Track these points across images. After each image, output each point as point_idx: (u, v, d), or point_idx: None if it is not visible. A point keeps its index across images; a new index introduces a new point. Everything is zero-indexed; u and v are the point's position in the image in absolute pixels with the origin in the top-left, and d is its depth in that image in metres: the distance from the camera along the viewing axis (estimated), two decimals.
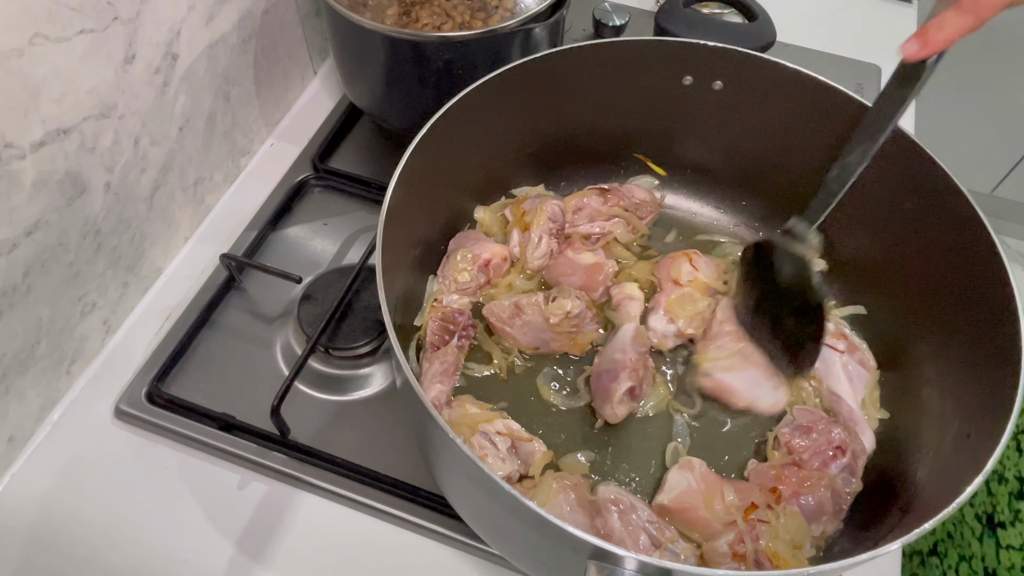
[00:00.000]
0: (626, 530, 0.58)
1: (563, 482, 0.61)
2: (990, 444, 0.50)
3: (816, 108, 0.70)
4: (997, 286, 0.58)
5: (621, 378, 0.66)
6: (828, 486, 0.62)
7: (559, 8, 0.82)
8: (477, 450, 0.62)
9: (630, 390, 0.67)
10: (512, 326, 0.71)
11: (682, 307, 0.74)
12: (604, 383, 0.67)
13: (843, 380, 0.69)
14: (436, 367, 0.67)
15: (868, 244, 0.74)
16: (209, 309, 0.80)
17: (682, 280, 0.75)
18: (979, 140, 1.99)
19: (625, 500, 0.60)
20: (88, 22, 0.63)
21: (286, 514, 0.69)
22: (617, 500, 0.60)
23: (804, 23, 1.13)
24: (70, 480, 0.70)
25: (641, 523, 0.59)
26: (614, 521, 0.59)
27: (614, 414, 0.67)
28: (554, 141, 0.80)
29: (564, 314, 0.69)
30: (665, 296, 0.75)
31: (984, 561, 0.76)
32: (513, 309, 0.70)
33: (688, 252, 0.77)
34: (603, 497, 0.61)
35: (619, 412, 0.67)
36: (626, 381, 0.66)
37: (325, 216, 0.90)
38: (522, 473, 0.64)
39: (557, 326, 0.70)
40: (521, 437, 0.64)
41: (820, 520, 0.61)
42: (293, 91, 1.01)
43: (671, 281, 0.76)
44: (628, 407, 0.67)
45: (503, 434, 0.63)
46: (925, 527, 0.47)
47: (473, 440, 0.63)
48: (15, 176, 0.60)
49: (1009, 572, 0.73)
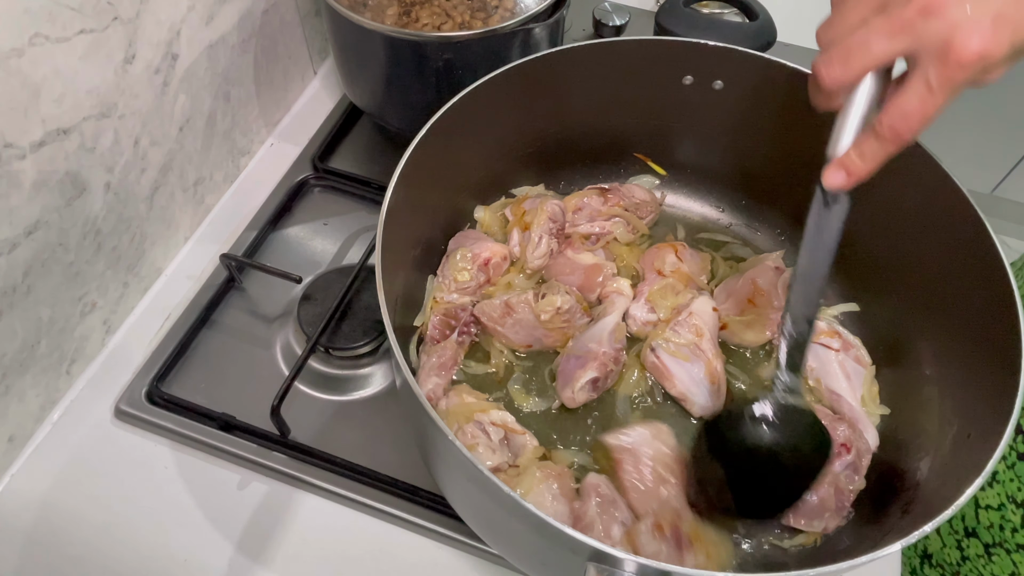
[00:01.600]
0: (599, 519, 0.58)
1: (547, 471, 0.61)
2: (991, 445, 0.50)
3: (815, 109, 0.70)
4: (997, 286, 0.58)
5: (588, 367, 0.67)
6: (832, 483, 0.62)
7: (559, 8, 0.82)
8: (469, 439, 0.63)
9: (593, 380, 0.67)
10: (504, 325, 0.71)
11: (663, 297, 0.74)
12: (571, 367, 0.68)
13: (841, 378, 0.69)
14: (434, 360, 0.68)
15: (867, 243, 0.74)
16: (209, 309, 0.80)
17: (665, 271, 0.76)
18: (979, 140, 1.99)
19: (608, 494, 0.61)
20: (88, 22, 0.63)
21: (286, 514, 0.69)
22: (601, 491, 0.60)
23: (804, 23, 1.13)
24: (70, 480, 0.70)
25: (620, 519, 0.59)
26: (591, 506, 0.59)
27: (572, 399, 0.68)
28: (554, 141, 0.80)
29: (555, 310, 0.69)
30: (648, 286, 0.75)
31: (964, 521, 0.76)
32: (504, 308, 0.70)
33: (675, 243, 0.78)
34: (589, 483, 0.61)
35: (577, 398, 0.68)
36: (592, 371, 0.67)
37: (325, 216, 0.90)
38: (511, 465, 0.64)
39: (548, 322, 0.70)
40: (514, 429, 0.64)
41: (823, 516, 0.61)
42: (293, 91, 1.01)
43: (655, 271, 0.76)
44: (587, 395, 0.68)
45: (497, 424, 0.64)
46: (925, 529, 0.47)
47: (466, 428, 0.63)
48: (15, 176, 0.60)
49: (988, 531, 0.74)
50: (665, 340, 0.71)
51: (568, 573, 0.48)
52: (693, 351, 0.70)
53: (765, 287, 0.74)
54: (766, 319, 0.73)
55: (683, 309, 0.72)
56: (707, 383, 0.70)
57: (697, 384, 0.69)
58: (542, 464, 0.63)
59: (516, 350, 0.73)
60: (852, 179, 0.53)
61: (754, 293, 0.74)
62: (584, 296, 0.74)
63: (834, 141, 0.52)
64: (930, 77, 0.46)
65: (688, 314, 0.72)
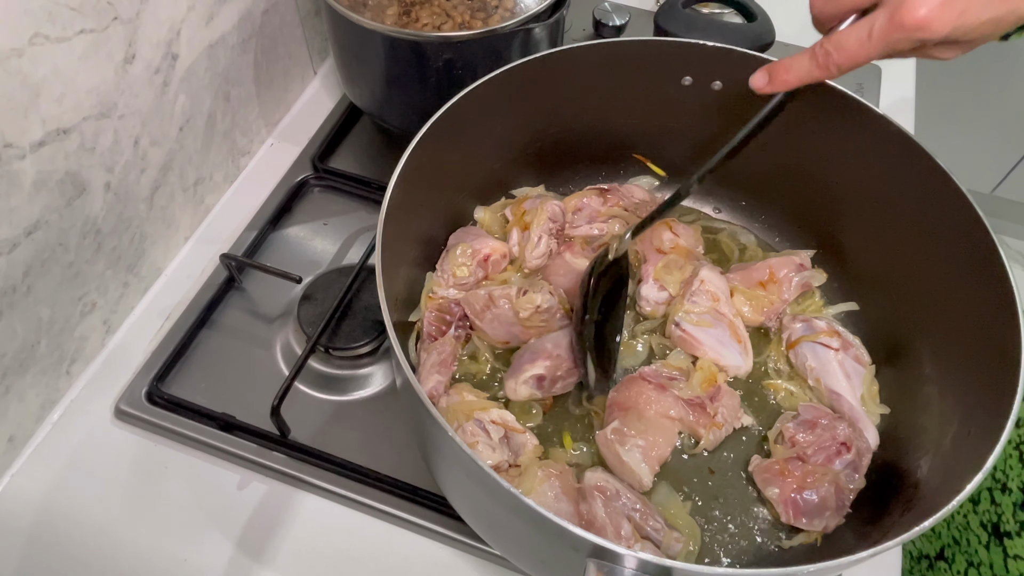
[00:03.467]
0: (609, 518, 0.58)
1: (548, 470, 0.61)
2: (990, 442, 0.50)
3: (815, 108, 0.70)
4: (997, 286, 0.58)
5: (537, 363, 0.67)
6: (832, 481, 0.62)
7: (559, 8, 0.82)
8: (468, 437, 0.63)
9: (539, 377, 0.67)
10: (483, 319, 0.70)
11: (669, 273, 0.75)
12: (521, 360, 0.68)
13: (841, 377, 0.69)
14: (433, 358, 0.67)
15: (868, 243, 0.74)
16: (209, 309, 0.80)
17: (665, 247, 0.76)
18: (979, 140, 1.99)
19: (611, 487, 0.61)
20: (88, 22, 0.63)
21: (286, 514, 0.69)
22: (604, 487, 0.60)
23: (803, 23, 1.13)
24: (70, 480, 0.70)
25: (626, 510, 0.59)
26: (598, 508, 0.59)
27: (514, 391, 0.67)
28: (554, 141, 0.80)
29: (533, 308, 0.69)
30: (652, 265, 0.75)
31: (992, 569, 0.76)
32: (487, 299, 0.70)
33: (667, 220, 0.78)
34: (589, 484, 0.61)
35: (520, 392, 0.67)
36: (539, 368, 0.66)
37: (325, 216, 0.90)
38: (511, 463, 0.64)
39: (527, 320, 0.70)
40: (515, 428, 0.64)
41: (823, 515, 0.61)
42: (293, 91, 1.01)
43: (655, 250, 0.77)
44: (530, 391, 0.67)
45: (496, 423, 0.64)
46: (925, 525, 0.47)
47: (466, 427, 0.63)
48: (15, 176, 0.60)
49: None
50: (686, 312, 0.71)
51: (568, 571, 0.48)
52: (714, 316, 0.71)
53: (780, 277, 0.75)
54: (769, 305, 0.74)
55: (693, 280, 0.73)
56: (734, 343, 0.71)
57: (725, 346, 0.71)
58: (543, 463, 0.63)
59: (495, 348, 0.72)
60: (771, 87, 0.59)
61: (768, 278, 0.75)
62: (569, 300, 0.74)
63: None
64: (875, 25, 0.51)
65: (700, 282, 0.72)
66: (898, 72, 1.10)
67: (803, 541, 0.63)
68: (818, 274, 0.76)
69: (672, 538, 0.60)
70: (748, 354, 0.72)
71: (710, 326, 0.71)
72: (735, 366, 0.70)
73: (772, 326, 0.75)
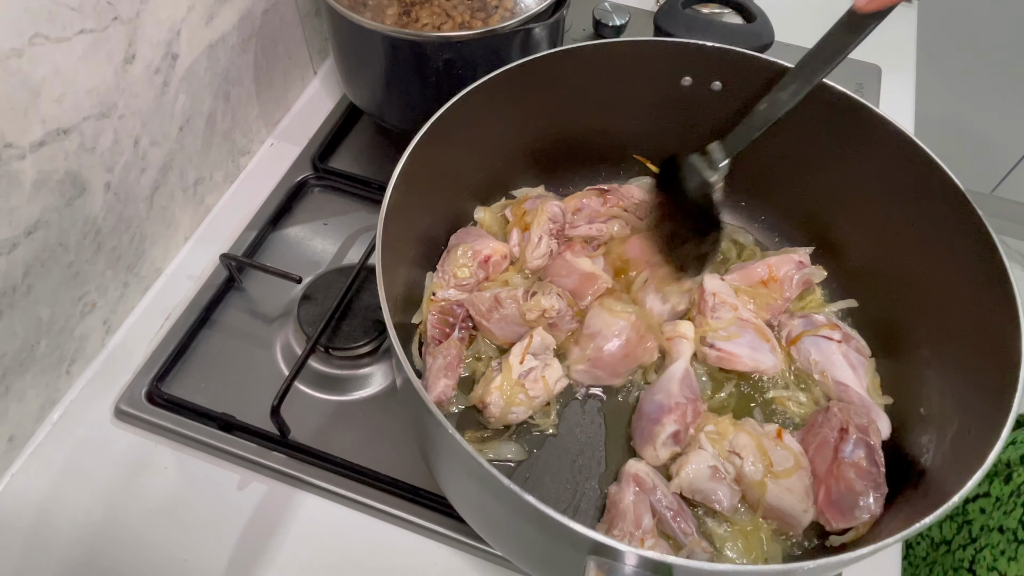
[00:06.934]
0: (632, 507, 0.59)
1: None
2: (990, 439, 0.50)
3: (815, 108, 0.70)
4: (997, 286, 0.58)
5: (665, 421, 0.64)
6: (850, 466, 0.61)
7: (559, 8, 0.82)
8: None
9: (674, 434, 0.64)
10: (489, 320, 0.70)
11: (667, 283, 0.74)
12: (645, 426, 0.66)
13: (846, 368, 0.69)
14: (440, 362, 0.67)
15: (868, 243, 0.74)
16: (209, 309, 0.80)
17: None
18: (979, 140, 1.99)
19: (650, 481, 0.61)
20: (88, 22, 0.63)
21: (286, 514, 0.69)
22: (642, 480, 0.61)
23: (802, 23, 1.13)
24: (70, 480, 0.70)
25: (659, 507, 0.60)
26: (627, 494, 0.60)
27: (655, 456, 0.64)
28: (554, 141, 0.80)
29: (541, 311, 0.69)
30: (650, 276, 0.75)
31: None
32: (492, 301, 0.70)
33: None
34: (629, 471, 0.62)
35: (661, 455, 0.64)
36: (671, 425, 0.64)
37: (325, 216, 0.90)
38: None
39: (534, 322, 0.70)
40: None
41: (861, 504, 0.59)
42: (293, 91, 1.01)
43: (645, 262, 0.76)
44: (671, 450, 0.65)
45: None
46: (925, 522, 0.47)
47: None
48: (15, 176, 0.60)
49: None
50: (714, 331, 0.71)
51: (569, 570, 0.48)
52: (739, 325, 0.72)
53: (780, 276, 0.75)
54: (772, 302, 0.74)
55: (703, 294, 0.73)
56: (764, 343, 0.71)
57: (758, 350, 0.71)
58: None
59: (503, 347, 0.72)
60: (874, 4, 0.60)
61: (768, 277, 0.75)
62: (576, 301, 0.74)
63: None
64: None
65: (712, 295, 0.73)
66: (898, 72, 1.10)
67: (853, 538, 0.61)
68: (818, 271, 0.76)
69: (700, 546, 0.59)
70: (777, 349, 0.73)
71: (739, 336, 0.71)
72: (772, 366, 0.71)
73: (775, 324, 0.75)
